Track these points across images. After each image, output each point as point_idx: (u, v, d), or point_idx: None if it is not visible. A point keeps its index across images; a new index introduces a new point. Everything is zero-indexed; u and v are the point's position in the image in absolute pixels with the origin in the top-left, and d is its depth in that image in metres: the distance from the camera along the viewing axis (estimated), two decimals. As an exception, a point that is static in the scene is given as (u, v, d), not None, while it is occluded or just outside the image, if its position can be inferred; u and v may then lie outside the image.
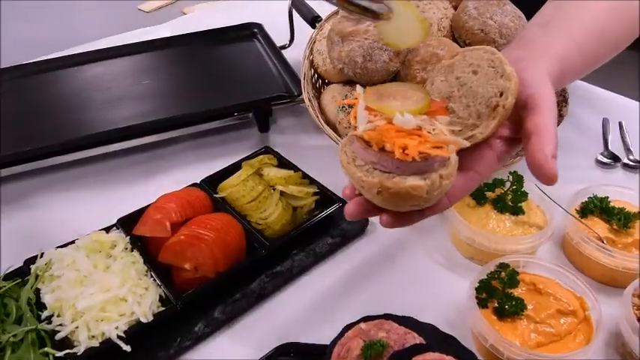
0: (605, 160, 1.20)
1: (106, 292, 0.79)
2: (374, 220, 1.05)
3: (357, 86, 0.66)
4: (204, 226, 0.89)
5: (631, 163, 1.18)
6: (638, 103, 1.38)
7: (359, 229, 1.03)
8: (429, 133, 0.59)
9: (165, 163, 1.21)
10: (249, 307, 0.89)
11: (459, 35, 1.08)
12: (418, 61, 1.03)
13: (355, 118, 0.63)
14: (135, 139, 1.18)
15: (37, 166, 1.15)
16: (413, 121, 0.58)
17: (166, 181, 1.14)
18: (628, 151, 1.22)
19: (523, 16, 1.09)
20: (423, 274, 0.97)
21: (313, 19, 1.39)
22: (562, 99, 1.03)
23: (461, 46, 1.07)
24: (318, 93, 1.23)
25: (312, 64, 1.22)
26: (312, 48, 1.23)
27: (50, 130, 1.18)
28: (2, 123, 1.19)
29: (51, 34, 1.86)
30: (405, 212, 0.62)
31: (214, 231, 0.88)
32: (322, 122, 1.09)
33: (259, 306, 0.90)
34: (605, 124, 1.29)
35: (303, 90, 1.15)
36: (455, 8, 1.13)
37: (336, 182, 1.10)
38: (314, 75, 1.24)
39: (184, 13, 2.08)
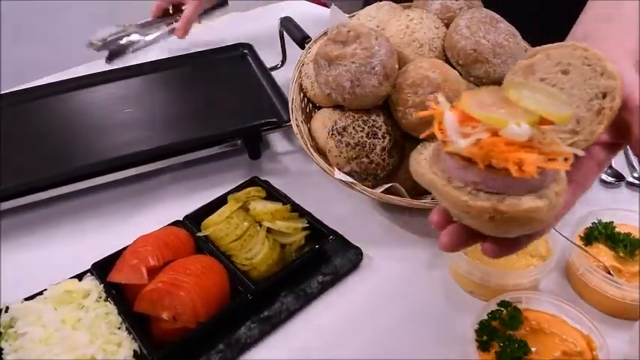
0: (609, 179, 1.13)
1: (73, 352, 0.73)
2: (369, 252, 1.00)
3: (439, 95, 0.57)
4: (183, 272, 0.83)
5: (635, 182, 1.12)
6: None
7: (352, 264, 0.97)
8: (540, 144, 0.51)
9: (148, 197, 1.15)
10: (234, 358, 0.83)
11: (452, 55, 1.02)
12: (409, 85, 0.97)
13: (441, 131, 0.54)
14: (113, 173, 1.11)
15: (1, 208, 1.06)
16: (529, 131, 0.50)
17: (149, 217, 1.07)
18: (632, 168, 1.16)
19: (518, 33, 1.03)
20: (423, 311, 0.91)
21: (302, 40, 1.34)
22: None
23: (453, 67, 1.01)
24: (308, 117, 1.17)
25: (300, 87, 1.17)
26: (300, 71, 1.17)
27: (20, 166, 1.10)
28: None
29: (36, 57, 1.81)
30: (512, 238, 0.55)
31: (194, 276, 0.82)
32: (311, 150, 1.03)
33: (245, 356, 0.84)
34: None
35: (290, 116, 1.10)
36: (447, 27, 1.07)
37: (331, 210, 1.05)
38: (303, 99, 1.18)
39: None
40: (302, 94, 1.17)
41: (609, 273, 0.85)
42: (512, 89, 0.54)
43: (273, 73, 1.42)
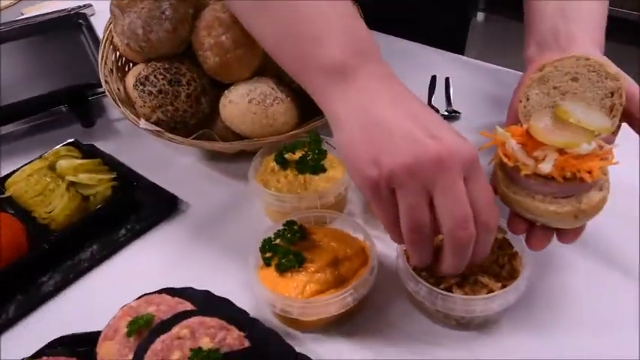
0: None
1: None
2: (187, 199, 1.01)
3: (497, 128, 0.70)
4: (-30, 230, 0.82)
5: (446, 114, 1.19)
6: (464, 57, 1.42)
7: (167, 212, 0.98)
8: (599, 149, 0.65)
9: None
10: (33, 307, 0.82)
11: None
12: (203, 27, 0.99)
13: (510, 157, 0.67)
14: None
15: None
16: (594, 145, 0.64)
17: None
18: (448, 102, 1.22)
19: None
20: (237, 249, 0.92)
21: None
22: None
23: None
24: (125, 76, 1.16)
25: (114, 46, 1.16)
26: (110, 29, 1.15)
27: None
28: None
29: None
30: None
31: (-18, 233, 0.81)
32: (118, 101, 1.03)
33: (47, 305, 0.84)
34: (432, 81, 1.28)
35: (99, 74, 1.09)
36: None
37: (158, 165, 1.08)
38: (119, 58, 1.17)
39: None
40: (117, 53, 1.16)
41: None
42: (568, 113, 0.68)
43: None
